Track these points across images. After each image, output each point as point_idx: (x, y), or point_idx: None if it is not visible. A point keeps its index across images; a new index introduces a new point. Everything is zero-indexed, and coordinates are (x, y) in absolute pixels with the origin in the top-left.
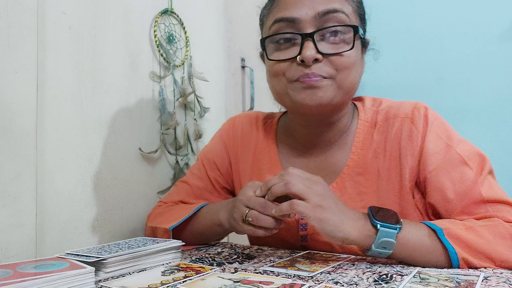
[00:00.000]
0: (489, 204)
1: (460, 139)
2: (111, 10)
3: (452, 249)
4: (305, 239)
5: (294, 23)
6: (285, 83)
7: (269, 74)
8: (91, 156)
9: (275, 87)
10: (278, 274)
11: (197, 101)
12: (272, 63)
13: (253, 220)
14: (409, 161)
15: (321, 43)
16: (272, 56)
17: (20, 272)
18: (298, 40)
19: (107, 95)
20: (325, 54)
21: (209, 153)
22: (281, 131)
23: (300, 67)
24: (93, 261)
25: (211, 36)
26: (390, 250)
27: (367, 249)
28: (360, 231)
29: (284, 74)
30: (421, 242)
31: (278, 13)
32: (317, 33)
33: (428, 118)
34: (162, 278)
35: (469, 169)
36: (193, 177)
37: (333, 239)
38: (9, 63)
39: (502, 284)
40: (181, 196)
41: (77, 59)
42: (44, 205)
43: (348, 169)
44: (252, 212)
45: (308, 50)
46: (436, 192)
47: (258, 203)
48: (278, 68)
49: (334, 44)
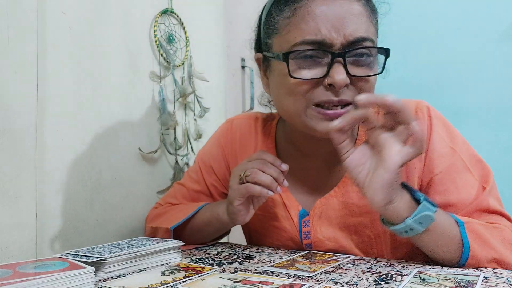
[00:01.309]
0: (492, 214)
1: (463, 142)
2: (111, 10)
3: (468, 245)
4: (309, 248)
5: (323, 45)
6: (303, 105)
7: (287, 92)
8: (91, 156)
9: (290, 107)
10: (278, 274)
11: (197, 101)
12: (294, 82)
13: (251, 175)
14: (417, 164)
15: (350, 66)
16: (295, 74)
17: (20, 272)
18: (324, 59)
19: (107, 95)
20: (355, 76)
21: (206, 157)
22: (281, 136)
23: (327, 92)
24: (93, 261)
25: (211, 36)
26: (424, 228)
27: (394, 224)
28: (404, 199)
29: (304, 95)
30: (449, 229)
31: (306, 33)
32: (347, 54)
33: (432, 119)
34: (162, 278)
35: (471, 175)
36: (190, 180)
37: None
38: (9, 63)
39: (502, 284)
40: (178, 200)
41: (77, 59)
42: (44, 205)
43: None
44: (252, 169)
45: (340, 74)
46: (439, 195)
47: (257, 162)
48: (299, 89)
49: (361, 67)
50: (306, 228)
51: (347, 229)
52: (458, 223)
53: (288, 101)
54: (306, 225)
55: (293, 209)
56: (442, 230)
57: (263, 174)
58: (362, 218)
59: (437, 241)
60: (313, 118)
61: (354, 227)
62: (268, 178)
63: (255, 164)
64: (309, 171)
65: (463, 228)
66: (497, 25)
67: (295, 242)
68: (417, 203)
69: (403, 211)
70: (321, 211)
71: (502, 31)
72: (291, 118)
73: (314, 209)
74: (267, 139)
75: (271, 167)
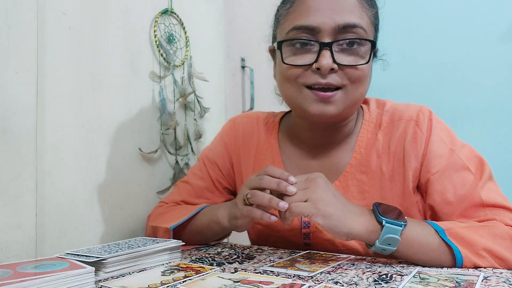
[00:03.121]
0: (488, 208)
1: (463, 144)
2: (111, 10)
3: (456, 247)
4: (307, 237)
5: (313, 31)
6: (298, 88)
7: (282, 77)
8: (91, 156)
9: (287, 91)
10: (278, 274)
11: (197, 101)
12: (286, 67)
13: (251, 197)
14: (413, 162)
15: (338, 54)
16: (287, 60)
17: (20, 272)
18: (315, 47)
19: (107, 95)
20: (341, 65)
21: (210, 154)
22: (284, 131)
23: (315, 75)
24: (93, 261)
25: (211, 36)
26: (394, 247)
27: (370, 245)
28: (364, 225)
29: (297, 79)
30: (426, 240)
31: (298, 20)
32: (335, 43)
33: (432, 121)
34: (162, 278)
35: (470, 174)
36: (195, 177)
37: (337, 234)
38: (9, 63)
39: (502, 284)
40: (183, 196)
41: (77, 59)
42: (44, 205)
43: (351, 167)
44: (252, 191)
45: (326, 59)
46: (437, 194)
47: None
48: (292, 73)
49: (350, 56)
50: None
51: None
52: (438, 231)
53: (286, 86)
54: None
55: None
56: (420, 242)
57: (262, 194)
58: None
59: (416, 253)
60: (307, 98)
61: None
62: (266, 198)
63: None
64: (311, 163)
65: (444, 234)
66: (497, 25)
67: (294, 232)
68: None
69: (368, 236)
70: None
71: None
72: (291, 103)
73: None
74: (270, 136)
75: (271, 180)
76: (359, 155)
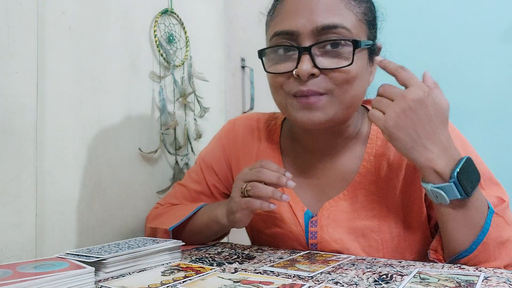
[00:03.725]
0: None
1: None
2: (111, 10)
3: (486, 230)
4: (314, 248)
5: (293, 35)
6: (284, 96)
7: (270, 85)
8: (91, 156)
9: (276, 99)
10: (278, 274)
11: (197, 101)
12: (270, 76)
13: (252, 189)
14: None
15: (320, 57)
16: (270, 69)
17: (20, 272)
18: (296, 53)
19: (107, 95)
20: (322, 69)
21: (207, 157)
22: (286, 135)
23: (296, 83)
24: (93, 261)
25: (211, 36)
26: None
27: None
28: (445, 149)
29: (282, 87)
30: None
31: (278, 25)
32: (315, 46)
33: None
34: (162, 278)
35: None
36: (191, 181)
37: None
38: (9, 63)
39: (502, 284)
40: (178, 200)
41: (77, 59)
42: (44, 205)
43: (360, 176)
44: (252, 183)
45: (304, 65)
46: None
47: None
48: (276, 81)
49: (333, 58)
50: (313, 228)
51: (354, 232)
52: (489, 209)
53: (274, 94)
54: (314, 225)
55: (298, 209)
56: (478, 203)
57: (264, 186)
58: (369, 222)
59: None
60: (294, 107)
61: (361, 231)
62: (269, 190)
63: (254, 174)
64: (315, 170)
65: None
66: (497, 25)
67: (300, 242)
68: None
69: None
70: (329, 213)
71: (502, 31)
72: (281, 110)
73: (323, 210)
74: (271, 139)
75: (271, 173)
76: (368, 163)
